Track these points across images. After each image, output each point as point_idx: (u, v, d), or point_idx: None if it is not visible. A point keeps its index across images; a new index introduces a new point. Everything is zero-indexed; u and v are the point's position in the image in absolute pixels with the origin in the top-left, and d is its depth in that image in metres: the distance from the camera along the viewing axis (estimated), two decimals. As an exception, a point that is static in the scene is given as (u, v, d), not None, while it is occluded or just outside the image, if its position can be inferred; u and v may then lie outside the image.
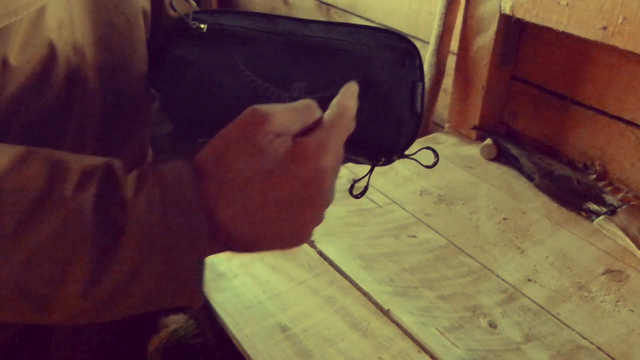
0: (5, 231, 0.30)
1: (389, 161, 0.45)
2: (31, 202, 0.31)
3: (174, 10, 0.42)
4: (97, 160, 0.35)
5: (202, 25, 0.43)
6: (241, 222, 0.35)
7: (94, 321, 0.36)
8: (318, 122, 0.37)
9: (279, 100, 0.42)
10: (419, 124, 0.43)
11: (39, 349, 0.63)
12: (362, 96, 0.40)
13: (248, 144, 0.35)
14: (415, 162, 0.45)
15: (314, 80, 0.42)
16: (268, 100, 0.42)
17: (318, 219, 0.40)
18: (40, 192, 0.31)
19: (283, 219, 0.37)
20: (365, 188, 0.46)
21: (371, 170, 0.46)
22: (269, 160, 0.35)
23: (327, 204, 0.39)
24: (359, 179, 0.46)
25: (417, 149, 0.45)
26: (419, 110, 0.43)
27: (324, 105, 0.39)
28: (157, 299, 0.36)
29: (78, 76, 0.48)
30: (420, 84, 0.43)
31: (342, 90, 0.39)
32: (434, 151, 0.45)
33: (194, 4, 0.62)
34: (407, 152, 0.44)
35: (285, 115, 0.36)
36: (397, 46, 0.44)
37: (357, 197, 0.46)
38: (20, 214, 0.31)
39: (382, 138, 0.43)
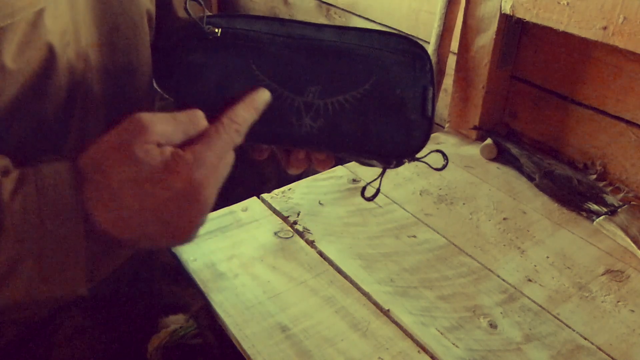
0: None
1: (399, 164, 0.46)
2: None
3: (188, 14, 0.42)
4: None
5: (216, 30, 0.43)
6: (118, 225, 0.37)
7: None
8: (203, 133, 0.38)
9: (293, 104, 0.42)
10: (430, 127, 0.44)
11: (41, 350, 0.63)
12: (374, 99, 0.41)
13: (125, 153, 0.36)
14: (419, 162, 0.46)
15: (328, 84, 0.42)
16: (283, 104, 0.42)
17: (197, 223, 0.40)
18: None
19: (160, 222, 0.38)
20: (377, 190, 0.46)
21: (382, 174, 0.46)
22: (144, 169, 0.36)
23: (204, 212, 0.40)
24: (371, 182, 0.46)
25: (427, 152, 0.45)
26: (430, 114, 0.43)
27: (339, 108, 0.40)
28: (37, 291, 0.37)
29: (80, 79, 0.48)
30: (431, 87, 0.43)
31: (245, 99, 0.40)
32: (444, 154, 0.45)
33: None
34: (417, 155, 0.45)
35: (166, 125, 0.37)
36: (408, 50, 0.44)
37: (369, 199, 0.47)
38: None
39: (393, 141, 0.43)
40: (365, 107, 0.42)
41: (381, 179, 0.46)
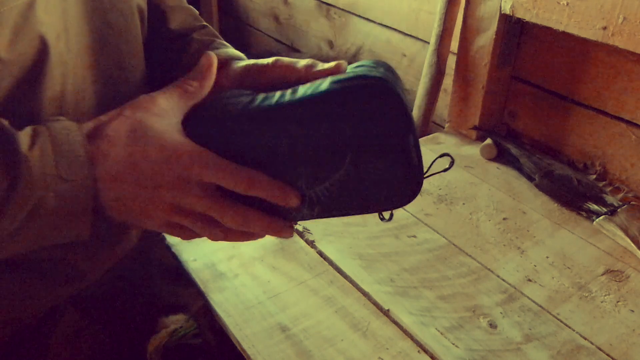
0: None
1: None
2: None
3: None
4: None
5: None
6: (108, 185, 0.42)
7: None
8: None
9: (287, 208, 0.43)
10: (420, 172, 0.42)
11: (38, 350, 0.62)
12: (358, 171, 0.40)
13: (133, 131, 0.42)
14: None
15: (310, 176, 0.42)
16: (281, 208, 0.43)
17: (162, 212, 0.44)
18: None
19: (133, 196, 0.42)
20: (391, 214, 0.45)
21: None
22: (147, 150, 0.41)
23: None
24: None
25: (434, 159, 0.45)
26: (417, 161, 0.42)
27: (329, 192, 0.41)
28: (50, 235, 0.42)
29: (72, 73, 0.49)
30: (410, 134, 0.40)
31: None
32: (450, 155, 0.45)
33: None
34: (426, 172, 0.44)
35: (170, 99, 0.44)
36: (371, 97, 0.40)
37: (386, 220, 0.46)
38: None
39: (391, 197, 0.43)
40: (353, 181, 0.41)
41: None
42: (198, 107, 0.46)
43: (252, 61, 0.51)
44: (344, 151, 0.40)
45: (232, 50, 0.58)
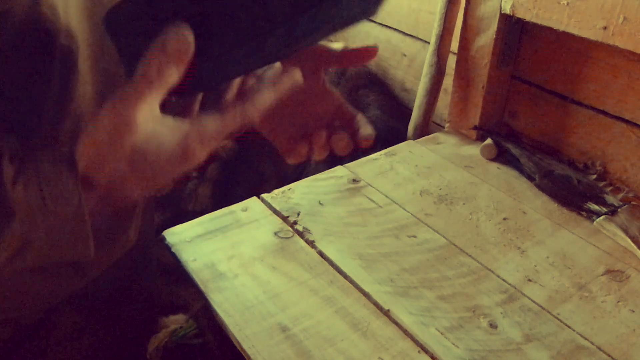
0: None
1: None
2: None
3: None
4: None
5: None
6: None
7: None
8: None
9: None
10: None
11: (38, 350, 0.62)
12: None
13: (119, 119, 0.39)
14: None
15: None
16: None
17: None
18: None
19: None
20: None
21: None
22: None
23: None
24: None
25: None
26: None
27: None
28: (48, 259, 0.41)
29: (74, 66, 0.49)
30: None
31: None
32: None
33: None
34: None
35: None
36: None
37: None
38: None
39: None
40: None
41: None
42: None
43: None
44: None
45: None
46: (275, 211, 0.77)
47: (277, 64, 0.50)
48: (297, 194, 0.80)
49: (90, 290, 0.66)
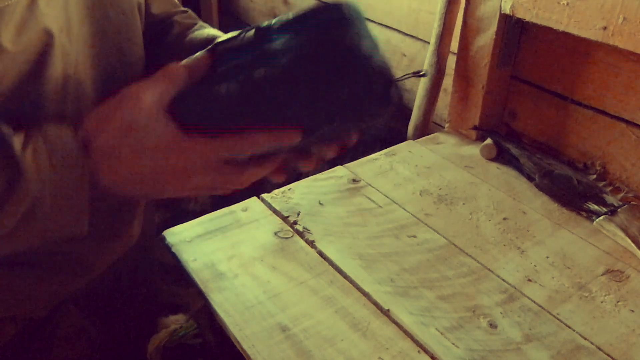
0: None
1: (385, 101, 0.45)
2: None
3: None
4: None
5: None
6: (105, 165, 0.43)
7: None
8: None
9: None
10: (373, 67, 0.44)
11: (40, 349, 0.63)
12: (299, 69, 0.41)
13: (127, 119, 0.42)
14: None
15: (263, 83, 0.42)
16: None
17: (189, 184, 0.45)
18: None
19: (136, 170, 0.43)
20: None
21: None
22: (146, 136, 0.42)
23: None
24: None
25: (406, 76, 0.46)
26: (365, 52, 0.44)
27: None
28: (47, 233, 0.43)
29: (74, 65, 0.49)
30: (352, 27, 0.43)
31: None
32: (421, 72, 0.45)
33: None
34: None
35: (158, 87, 0.43)
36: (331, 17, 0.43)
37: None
38: None
39: (341, 98, 0.43)
40: (296, 77, 0.42)
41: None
42: (184, 91, 0.45)
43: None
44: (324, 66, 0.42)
45: (212, 31, 0.61)
46: (275, 211, 0.77)
47: None
48: (297, 194, 0.80)
49: (92, 288, 0.66)
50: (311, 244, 0.71)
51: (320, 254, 0.70)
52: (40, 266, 0.57)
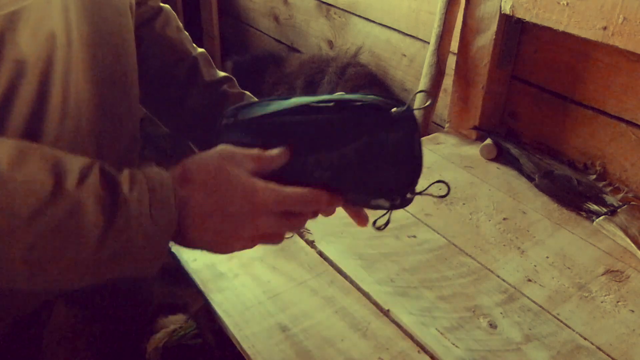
0: (19, 219, 0.37)
1: (404, 202, 0.52)
2: (41, 195, 0.38)
3: None
4: (87, 159, 0.43)
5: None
6: (195, 223, 0.45)
7: (90, 283, 0.45)
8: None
9: (306, 162, 0.49)
10: (420, 165, 0.50)
11: (37, 348, 0.62)
12: (369, 151, 0.48)
13: (219, 175, 0.45)
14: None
15: (329, 145, 0.49)
16: (298, 163, 0.49)
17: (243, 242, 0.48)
18: (47, 187, 0.38)
19: (219, 231, 0.46)
20: (387, 221, 0.53)
21: (390, 211, 0.53)
22: (233, 195, 0.45)
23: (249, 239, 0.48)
24: (381, 216, 0.53)
25: (429, 185, 0.52)
26: (418, 154, 0.50)
27: (340, 160, 0.48)
28: (124, 270, 0.44)
29: (74, 65, 0.49)
30: (416, 132, 0.49)
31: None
32: (447, 184, 0.52)
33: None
34: (419, 189, 0.51)
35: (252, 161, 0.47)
36: (389, 104, 0.50)
37: (380, 229, 0.54)
38: (33, 204, 0.38)
39: (391, 180, 0.50)
40: (362, 155, 0.48)
41: (390, 214, 0.53)
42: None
43: None
44: (360, 132, 0.49)
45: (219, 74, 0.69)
46: (275, 211, 0.77)
47: None
48: (297, 194, 0.80)
49: (90, 290, 0.66)
50: (311, 244, 0.71)
51: (320, 254, 0.70)
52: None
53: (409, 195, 0.51)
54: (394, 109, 0.49)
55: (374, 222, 0.54)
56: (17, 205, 0.37)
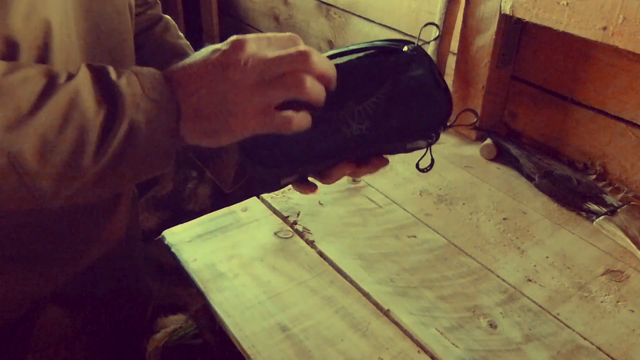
0: (22, 113, 0.39)
1: (438, 136, 0.52)
2: (38, 90, 0.40)
3: None
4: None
5: None
6: (193, 103, 0.44)
7: (91, 194, 0.45)
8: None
9: (339, 117, 0.48)
10: (449, 95, 0.51)
11: (35, 349, 0.62)
12: (398, 92, 0.49)
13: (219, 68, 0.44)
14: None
15: (358, 93, 0.49)
16: (332, 120, 0.48)
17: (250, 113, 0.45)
18: (42, 84, 0.40)
19: (218, 108, 0.44)
20: (432, 161, 0.53)
21: (429, 147, 0.53)
22: (235, 86, 0.44)
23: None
24: (422, 157, 0.53)
25: (451, 121, 0.53)
26: (444, 85, 0.50)
27: (375, 107, 0.48)
28: (142, 164, 0.44)
29: (72, 60, 0.49)
30: (434, 64, 0.50)
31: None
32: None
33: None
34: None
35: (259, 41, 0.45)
36: (398, 45, 0.51)
37: (424, 170, 0.53)
38: (32, 99, 0.39)
39: (427, 118, 0.51)
40: (394, 100, 0.49)
41: (430, 152, 0.53)
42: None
43: None
44: (385, 75, 0.49)
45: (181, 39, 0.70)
46: (275, 211, 0.77)
47: None
48: (297, 194, 0.80)
49: (90, 290, 0.66)
50: (311, 244, 0.71)
51: (320, 254, 0.70)
52: (32, 258, 0.57)
53: (442, 129, 0.52)
54: (405, 47, 0.49)
55: (417, 165, 0.53)
56: (17, 100, 0.39)
